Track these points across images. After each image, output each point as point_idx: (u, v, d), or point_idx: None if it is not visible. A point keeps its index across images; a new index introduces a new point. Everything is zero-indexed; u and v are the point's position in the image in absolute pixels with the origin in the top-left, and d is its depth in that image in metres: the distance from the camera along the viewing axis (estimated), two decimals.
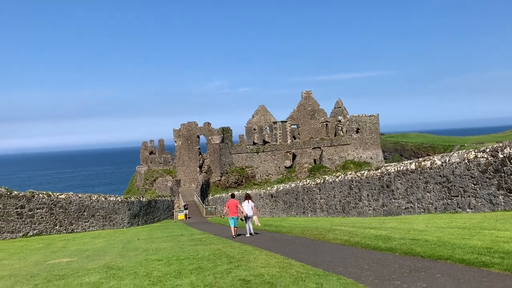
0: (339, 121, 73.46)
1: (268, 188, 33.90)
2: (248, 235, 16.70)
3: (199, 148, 64.92)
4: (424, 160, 17.59)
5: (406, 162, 19.04)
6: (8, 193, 23.95)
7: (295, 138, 72.50)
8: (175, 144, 65.80)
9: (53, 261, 12.06)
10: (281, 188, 30.98)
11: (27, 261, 13.40)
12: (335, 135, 73.70)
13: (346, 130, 72.67)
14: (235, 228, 16.86)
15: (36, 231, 25.09)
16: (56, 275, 9.07)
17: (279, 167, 67.51)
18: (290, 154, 69.33)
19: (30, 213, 24.98)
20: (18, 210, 24.32)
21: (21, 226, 24.28)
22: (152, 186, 69.53)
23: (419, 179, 17.26)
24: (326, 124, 75.47)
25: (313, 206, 26.19)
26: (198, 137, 64.92)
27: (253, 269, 8.37)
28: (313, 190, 26.13)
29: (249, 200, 17.42)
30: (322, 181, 25.35)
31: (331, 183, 24.24)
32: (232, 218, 17.01)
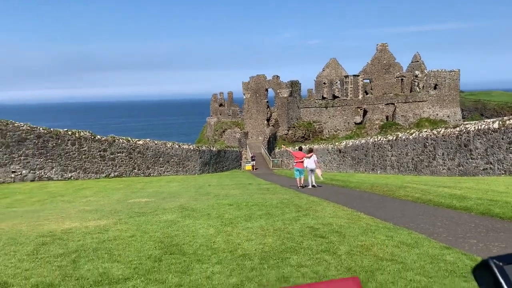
0: (416, 76, 69.45)
1: (337, 143, 33.50)
2: (311, 186, 17.08)
3: (267, 102, 65.11)
4: (509, 119, 16.27)
5: (488, 120, 17.74)
6: (92, 137, 25.94)
7: (367, 93, 70.03)
8: (244, 97, 66.48)
9: (133, 200, 13.05)
10: (350, 143, 30.47)
11: (110, 199, 14.65)
12: (410, 91, 70.07)
13: (423, 86, 68.68)
14: (301, 179, 17.33)
15: (116, 173, 27.14)
16: (136, 212, 9.83)
17: (348, 123, 66.09)
18: (360, 110, 67.36)
19: (111, 156, 26.98)
20: (101, 153, 26.34)
21: (103, 168, 26.37)
22: (221, 137, 71.52)
23: (502, 139, 16.07)
24: (402, 79, 71.75)
25: (383, 163, 25.57)
26: (267, 90, 64.93)
27: (321, 219, 8.47)
28: (384, 147, 25.41)
29: (313, 154, 17.93)
30: (394, 138, 24.51)
31: (404, 140, 23.38)
32: (298, 169, 17.54)
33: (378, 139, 26.46)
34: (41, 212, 10.39)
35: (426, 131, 21.78)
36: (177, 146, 33.27)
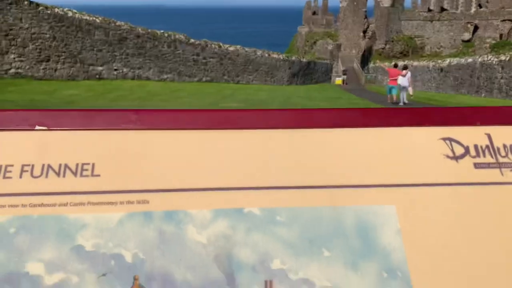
0: None
1: (439, 61, 30.94)
2: (402, 104, 16.55)
3: (365, 11, 60.74)
4: None
5: None
6: (187, 40, 26.60)
7: (481, 7, 61.98)
8: (340, 5, 62.56)
9: (224, 105, 13.49)
10: (454, 62, 27.93)
11: (203, 101, 15.28)
12: None
13: None
14: (393, 97, 16.86)
15: (208, 78, 28.01)
16: None
17: (454, 39, 59.99)
18: (471, 25, 60.30)
19: (204, 61, 27.68)
20: (194, 57, 27.10)
21: (196, 72, 27.30)
22: (312, 48, 69.45)
23: None
24: None
25: (490, 85, 23.29)
26: None
27: None
28: (494, 68, 22.93)
29: (407, 72, 17.29)
30: (507, 58, 21.94)
31: None
32: (392, 86, 17.15)
33: (488, 59, 23.91)
34: (142, 108, 11.18)
35: None
36: (266, 55, 33.07)
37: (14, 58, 20.65)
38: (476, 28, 60.11)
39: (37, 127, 0.66)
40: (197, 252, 0.60)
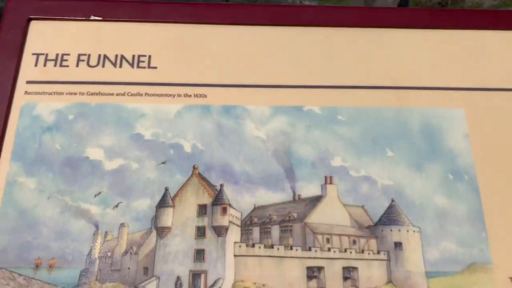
0: None
1: None
2: None
3: None
4: None
5: None
6: None
7: None
8: None
9: None
10: None
11: None
12: None
13: None
14: None
15: None
16: None
17: None
18: None
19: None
20: (223, 3, 26.59)
21: None
22: None
23: None
24: None
25: None
26: None
27: None
28: None
29: None
30: None
31: None
32: None
33: None
34: None
35: None
36: (298, 1, 32.16)
37: None
38: None
39: (92, 17, 0.65)
40: (255, 146, 0.61)
